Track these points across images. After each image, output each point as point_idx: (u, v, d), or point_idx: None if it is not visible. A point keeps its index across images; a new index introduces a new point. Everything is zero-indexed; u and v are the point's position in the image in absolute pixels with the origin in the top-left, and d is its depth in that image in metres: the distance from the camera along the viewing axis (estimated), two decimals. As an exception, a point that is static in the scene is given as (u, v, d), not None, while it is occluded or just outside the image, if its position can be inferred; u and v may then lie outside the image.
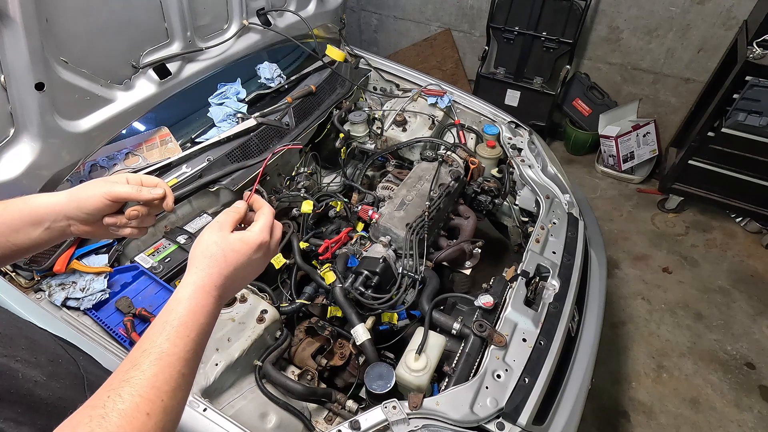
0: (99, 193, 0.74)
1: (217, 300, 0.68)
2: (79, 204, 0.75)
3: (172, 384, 0.57)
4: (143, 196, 0.76)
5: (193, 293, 0.65)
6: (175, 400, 0.57)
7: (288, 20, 2.25)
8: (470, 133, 2.36)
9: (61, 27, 1.36)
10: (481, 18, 3.88)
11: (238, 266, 0.71)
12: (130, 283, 1.45)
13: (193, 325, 0.63)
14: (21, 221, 0.74)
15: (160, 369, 0.57)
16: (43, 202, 0.75)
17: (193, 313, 0.64)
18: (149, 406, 0.54)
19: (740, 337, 2.66)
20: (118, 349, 1.26)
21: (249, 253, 0.72)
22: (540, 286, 1.61)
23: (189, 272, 0.69)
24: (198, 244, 0.72)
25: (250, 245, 0.73)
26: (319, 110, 2.19)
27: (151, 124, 1.87)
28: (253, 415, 1.31)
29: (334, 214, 1.98)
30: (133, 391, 0.53)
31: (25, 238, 0.74)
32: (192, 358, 0.62)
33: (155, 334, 0.60)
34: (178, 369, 0.59)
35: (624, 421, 2.30)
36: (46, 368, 0.65)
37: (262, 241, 0.74)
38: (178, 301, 0.64)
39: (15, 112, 1.32)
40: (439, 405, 1.22)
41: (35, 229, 0.74)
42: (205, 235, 0.72)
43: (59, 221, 0.75)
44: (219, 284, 0.68)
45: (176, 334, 0.61)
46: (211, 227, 0.73)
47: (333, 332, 1.61)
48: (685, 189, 3.19)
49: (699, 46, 3.27)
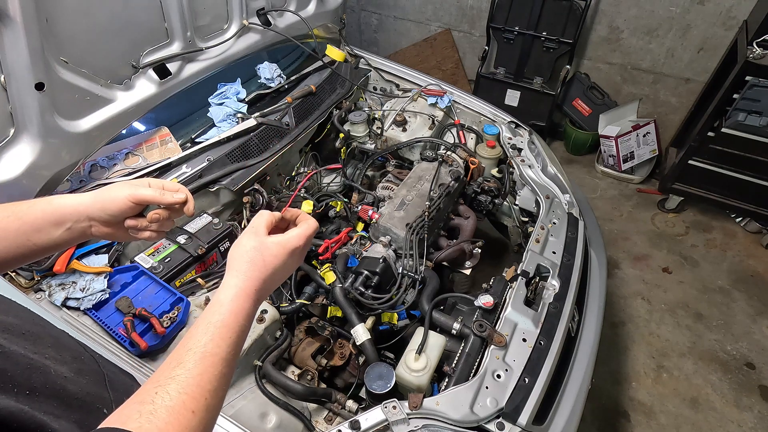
0: (123, 196, 0.77)
1: (255, 302, 0.71)
2: (104, 205, 0.77)
3: (215, 383, 0.59)
4: (166, 199, 0.79)
5: (236, 296, 0.68)
6: (217, 398, 0.60)
7: (288, 20, 2.25)
8: (470, 133, 2.36)
9: (61, 27, 1.36)
10: (481, 18, 3.88)
11: (276, 270, 0.74)
12: (130, 283, 1.45)
13: (235, 326, 0.65)
14: (44, 221, 0.75)
15: (204, 368, 0.59)
16: (67, 203, 0.76)
17: (235, 315, 0.66)
18: (194, 403, 0.55)
19: (740, 337, 2.66)
20: (118, 349, 1.26)
21: (286, 258, 0.75)
22: (540, 286, 1.61)
23: (230, 275, 0.71)
24: (237, 248, 0.74)
25: (288, 249, 0.76)
26: (319, 110, 2.19)
27: (151, 124, 1.87)
28: (253, 415, 1.31)
29: (334, 214, 1.98)
30: (180, 389, 0.55)
31: (47, 238, 0.76)
32: (232, 358, 0.64)
33: (200, 334, 0.62)
34: (220, 369, 0.61)
35: (624, 421, 2.30)
36: (72, 365, 0.66)
37: (297, 246, 0.77)
38: (221, 303, 0.67)
39: (15, 112, 1.32)
40: (439, 405, 1.22)
41: (57, 229, 0.76)
42: (244, 239, 0.75)
43: (81, 222, 0.77)
44: (258, 287, 0.71)
45: (219, 335, 0.63)
46: (248, 232, 0.76)
47: (333, 332, 1.61)
48: (685, 189, 3.19)
49: (699, 46, 3.27)
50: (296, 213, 0.85)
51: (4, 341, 0.57)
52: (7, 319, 0.62)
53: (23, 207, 0.75)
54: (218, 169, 1.77)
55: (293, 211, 0.85)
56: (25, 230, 0.74)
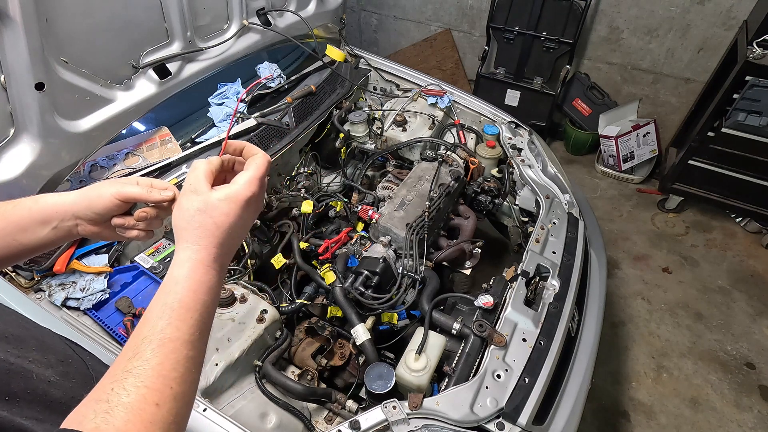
0: (109, 193, 0.72)
1: (218, 272, 0.64)
2: (90, 203, 0.73)
3: (180, 369, 0.55)
4: (153, 197, 0.74)
5: (191, 270, 0.62)
6: (185, 385, 0.55)
7: (288, 20, 2.25)
8: (470, 133, 2.36)
9: (61, 27, 1.36)
10: (481, 18, 3.88)
11: (232, 229, 0.65)
12: (130, 283, 1.45)
13: (195, 304, 0.60)
14: (30, 220, 0.72)
15: (164, 356, 0.54)
16: (53, 201, 0.74)
17: (194, 292, 0.60)
18: (157, 396, 0.52)
19: (740, 337, 2.66)
20: (118, 350, 1.26)
21: (239, 212, 0.66)
22: (540, 286, 1.61)
23: (180, 247, 0.64)
24: (180, 215, 0.66)
25: (239, 203, 0.66)
26: (319, 110, 2.19)
27: (151, 124, 1.87)
28: (253, 415, 1.31)
29: (334, 214, 1.98)
30: (138, 382, 0.51)
31: (33, 237, 0.73)
32: (198, 338, 0.59)
33: (155, 318, 0.57)
34: (184, 353, 0.56)
35: (624, 421, 2.30)
36: (58, 368, 0.63)
37: (252, 194, 0.67)
38: (176, 281, 0.61)
39: (15, 112, 1.32)
40: (439, 405, 1.22)
41: (43, 228, 0.73)
42: (184, 202, 0.66)
43: (67, 221, 0.74)
44: (216, 254, 0.64)
45: (178, 317, 0.57)
46: (186, 192, 0.67)
47: (333, 332, 1.61)
48: (685, 189, 3.19)
49: (699, 46, 3.26)
50: (240, 146, 0.73)
51: None
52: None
53: (8, 207, 0.73)
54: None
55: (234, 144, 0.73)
56: (11, 230, 0.72)
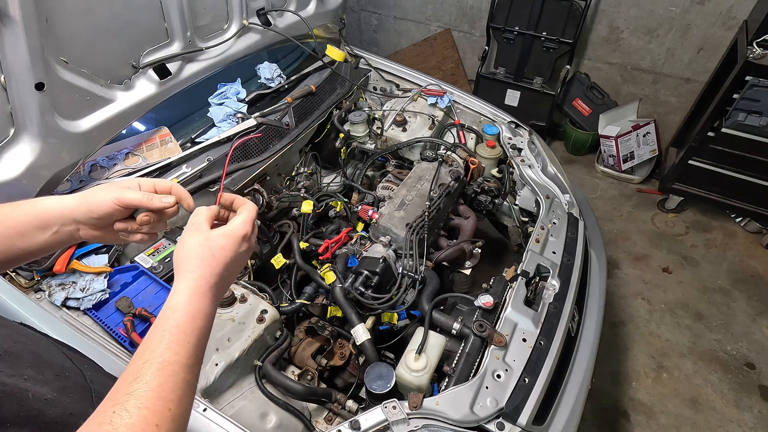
0: (109, 199, 0.73)
1: (213, 300, 0.68)
2: (89, 209, 0.73)
3: (178, 392, 0.58)
4: (154, 204, 0.75)
5: (189, 298, 0.65)
6: (182, 407, 0.58)
7: (288, 20, 2.25)
8: (470, 133, 2.36)
9: (61, 27, 1.36)
10: (481, 18, 3.88)
11: (228, 262, 0.71)
12: (130, 283, 1.45)
13: (192, 330, 0.63)
14: (28, 225, 0.72)
15: (164, 379, 0.57)
16: (51, 206, 0.73)
17: (192, 318, 0.63)
18: (157, 417, 0.54)
19: (740, 337, 2.66)
20: (118, 350, 1.26)
21: (235, 248, 0.72)
22: (540, 286, 1.61)
23: (179, 277, 0.68)
24: (182, 248, 0.71)
25: (236, 239, 0.73)
26: (319, 110, 2.19)
27: (151, 124, 1.87)
28: (253, 415, 1.31)
29: (334, 214, 1.98)
30: (139, 404, 0.53)
31: (32, 242, 0.73)
32: (194, 363, 0.62)
33: (155, 343, 0.60)
34: (182, 376, 0.59)
35: (624, 421, 2.30)
36: (54, 384, 0.64)
37: (246, 233, 0.75)
38: (174, 308, 0.64)
39: (15, 112, 1.32)
40: (439, 405, 1.22)
41: (43, 233, 0.73)
42: (186, 238, 0.72)
43: (68, 225, 0.74)
44: (213, 284, 0.68)
45: (176, 342, 0.60)
46: (190, 230, 0.73)
47: (333, 332, 1.61)
48: (685, 189, 3.19)
49: (699, 46, 3.27)
50: (231, 199, 0.81)
51: None
52: None
53: (5, 210, 0.72)
54: (218, 169, 1.77)
55: (227, 197, 0.81)
56: (9, 234, 0.71)
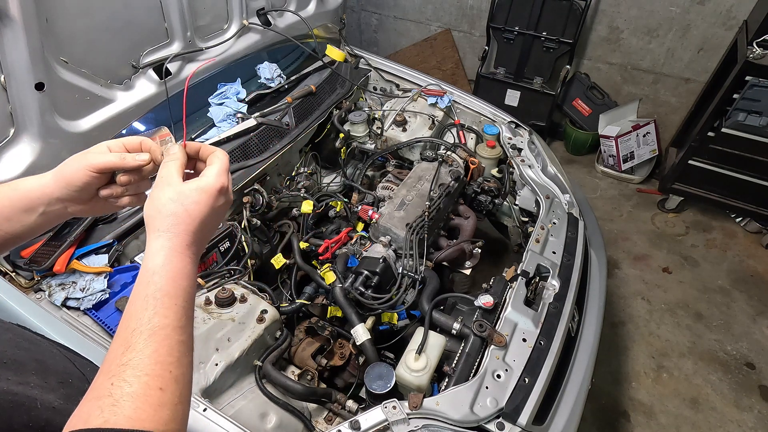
0: (82, 167, 0.69)
1: (192, 259, 0.65)
2: (67, 183, 0.70)
3: (176, 354, 0.56)
4: (128, 163, 0.71)
5: (168, 258, 0.61)
6: (183, 367, 0.57)
7: (288, 20, 2.25)
8: (470, 133, 2.36)
9: (61, 27, 1.36)
10: (481, 18, 3.88)
11: (204, 218, 0.66)
12: (130, 283, 1.45)
13: (177, 291, 0.60)
14: (12, 209, 0.70)
15: (158, 344, 0.55)
16: (31, 186, 0.70)
17: (173, 280, 0.60)
18: (159, 381, 0.53)
19: (740, 337, 2.66)
20: (118, 349, 1.26)
21: (211, 202, 0.67)
22: (540, 286, 1.61)
23: (153, 236, 0.63)
24: (152, 205, 0.65)
25: (211, 193, 0.67)
26: (319, 110, 2.19)
27: (151, 124, 1.87)
28: (253, 415, 1.31)
29: (334, 214, 1.98)
30: (138, 372, 0.52)
31: (19, 226, 0.71)
32: (186, 324, 0.60)
33: (140, 311, 0.57)
34: (176, 338, 0.57)
35: (624, 421, 2.30)
36: (59, 391, 0.62)
37: (222, 186, 0.69)
38: (153, 271, 0.60)
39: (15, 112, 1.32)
40: (439, 405, 1.22)
41: (29, 215, 0.70)
42: (157, 192, 0.66)
43: (53, 205, 0.71)
44: (190, 242, 0.64)
45: (163, 306, 0.58)
46: (160, 184, 0.67)
47: (333, 332, 1.61)
48: (685, 189, 3.19)
49: (699, 46, 3.26)
50: (196, 148, 0.75)
51: None
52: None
53: None
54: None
55: (191, 146, 0.75)
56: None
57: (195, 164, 0.76)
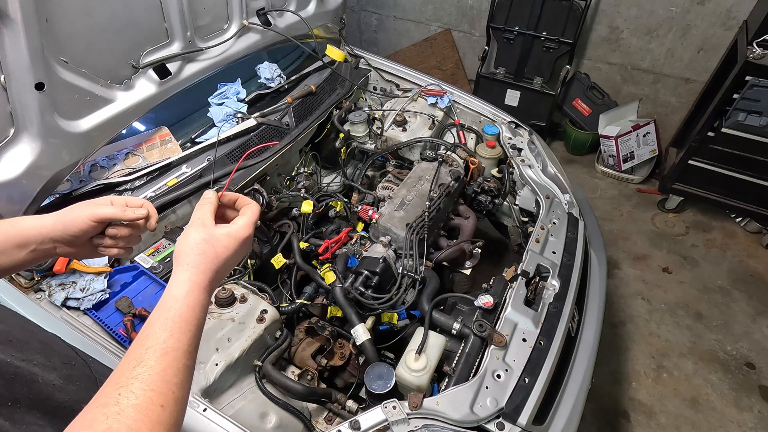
0: (84, 215, 0.76)
1: (209, 294, 0.71)
2: (65, 227, 0.77)
3: (180, 376, 0.60)
4: (127, 215, 0.79)
5: (190, 290, 0.68)
6: (184, 391, 0.61)
7: (288, 20, 2.25)
8: (470, 133, 2.36)
9: (61, 27, 1.36)
10: (481, 18, 3.88)
11: (227, 260, 0.74)
12: (130, 283, 1.45)
13: (192, 319, 0.66)
14: (7, 243, 0.75)
15: (167, 363, 0.59)
16: (30, 225, 0.76)
17: (192, 309, 0.66)
18: (162, 398, 0.56)
19: (740, 337, 2.66)
20: (118, 349, 1.26)
21: (237, 248, 0.75)
22: (540, 286, 1.61)
23: (181, 269, 0.70)
24: (185, 242, 0.73)
25: (238, 240, 0.75)
26: (319, 110, 2.19)
27: (151, 124, 1.87)
28: (253, 415, 1.31)
29: (334, 214, 1.98)
30: (145, 386, 0.55)
31: (9, 260, 0.76)
32: (193, 351, 0.65)
33: (158, 331, 0.62)
34: (183, 362, 0.62)
35: (624, 421, 2.30)
36: (62, 371, 0.66)
37: (248, 236, 0.77)
38: (176, 298, 0.66)
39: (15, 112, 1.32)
40: (439, 405, 1.22)
41: (20, 251, 0.76)
42: (192, 232, 0.74)
43: (45, 244, 0.77)
44: (211, 279, 0.71)
45: (179, 330, 0.63)
46: (195, 225, 0.75)
47: (333, 332, 1.61)
48: (685, 189, 3.19)
49: (699, 46, 3.26)
50: (234, 198, 0.84)
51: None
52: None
53: None
54: (218, 169, 1.77)
55: (230, 195, 0.84)
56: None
57: (224, 210, 0.85)
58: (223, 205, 0.83)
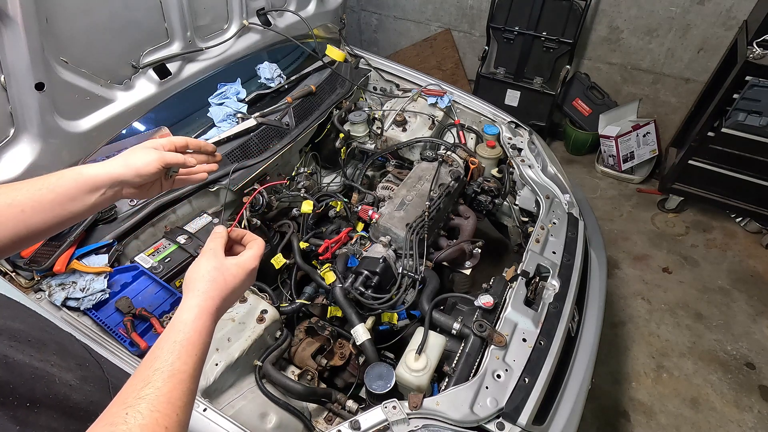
0: (154, 160, 0.86)
1: (215, 320, 0.75)
2: (137, 171, 0.85)
3: (184, 399, 0.62)
4: (189, 162, 0.92)
5: (198, 315, 0.71)
6: (186, 414, 0.63)
7: (288, 20, 2.25)
8: (470, 133, 2.36)
9: (61, 27, 1.36)
10: (481, 18, 3.88)
11: (234, 289, 0.79)
12: (130, 283, 1.45)
13: (199, 343, 0.68)
14: (77, 190, 0.80)
15: (173, 386, 0.61)
16: (98, 171, 0.83)
17: (199, 334, 0.69)
18: (166, 420, 0.58)
19: (740, 337, 2.66)
20: (118, 350, 1.26)
21: (243, 277, 0.81)
22: (540, 286, 1.61)
23: (192, 295, 0.74)
24: (197, 269, 0.78)
25: (246, 270, 0.81)
26: (319, 110, 2.19)
27: (151, 124, 1.87)
28: (253, 415, 1.31)
29: (334, 214, 1.98)
30: (151, 407, 0.57)
31: (81, 205, 0.81)
32: (197, 375, 0.67)
33: (166, 354, 0.65)
34: (188, 385, 0.64)
35: (624, 421, 2.30)
36: (77, 372, 0.68)
37: (254, 267, 0.84)
38: (185, 323, 0.69)
39: (15, 112, 1.32)
40: (439, 405, 1.22)
41: (92, 195, 0.82)
42: (203, 261, 0.80)
43: (115, 186, 0.85)
44: (218, 306, 0.75)
45: (186, 353, 0.66)
46: (207, 255, 0.81)
47: (333, 332, 1.61)
48: (685, 189, 3.19)
49: (699, 46, 3.27)
50: (241, 234, 0.91)
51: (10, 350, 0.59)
52: (14, 326, 0.64)
53: (52, 179, 0.79)
54: (218, 169, 1.77)
55: (238, 232, 0.92)
56: (60, 201, 0.79)
57: (232, 245, 0.92)
58: (231, 239, 0.89)
